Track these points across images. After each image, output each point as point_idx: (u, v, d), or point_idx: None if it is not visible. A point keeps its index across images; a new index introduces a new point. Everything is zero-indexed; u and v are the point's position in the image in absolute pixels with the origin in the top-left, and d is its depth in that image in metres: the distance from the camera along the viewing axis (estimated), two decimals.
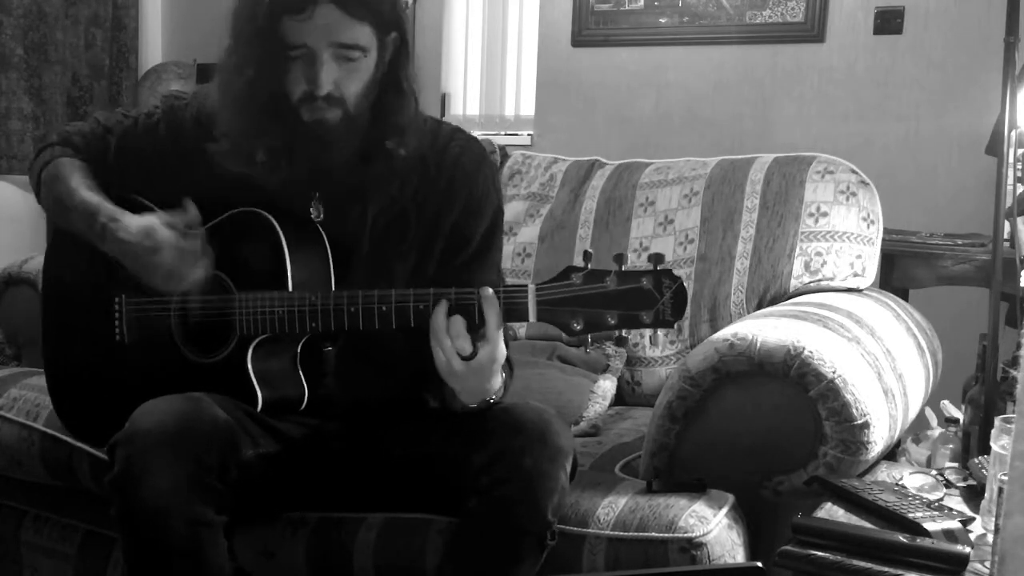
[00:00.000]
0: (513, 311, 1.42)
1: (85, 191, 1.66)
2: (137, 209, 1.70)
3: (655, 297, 1.37)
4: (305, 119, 1.54)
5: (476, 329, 1.44)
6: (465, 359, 1.44)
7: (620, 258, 1.40)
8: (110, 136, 1.73)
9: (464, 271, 1.63)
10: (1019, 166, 2.29)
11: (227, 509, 1.48)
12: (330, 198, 1.65)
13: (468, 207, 1.66)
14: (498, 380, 1.51)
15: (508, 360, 1.63)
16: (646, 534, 1.55)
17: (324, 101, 1.52)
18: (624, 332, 1.40)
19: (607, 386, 2.18)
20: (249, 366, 1.57)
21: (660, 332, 2.18)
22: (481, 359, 1.44)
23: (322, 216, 1.64)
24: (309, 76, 1.51)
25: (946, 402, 2.05)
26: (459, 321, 1.44)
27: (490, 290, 1.43)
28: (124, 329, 1.73)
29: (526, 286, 1.41)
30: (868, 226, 2.20)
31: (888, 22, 3.19)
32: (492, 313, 1.42)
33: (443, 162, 1.66)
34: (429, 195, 1.65)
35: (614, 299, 1.38)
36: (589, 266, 1.40)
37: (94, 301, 1.74)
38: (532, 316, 1.41)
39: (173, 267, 1.56)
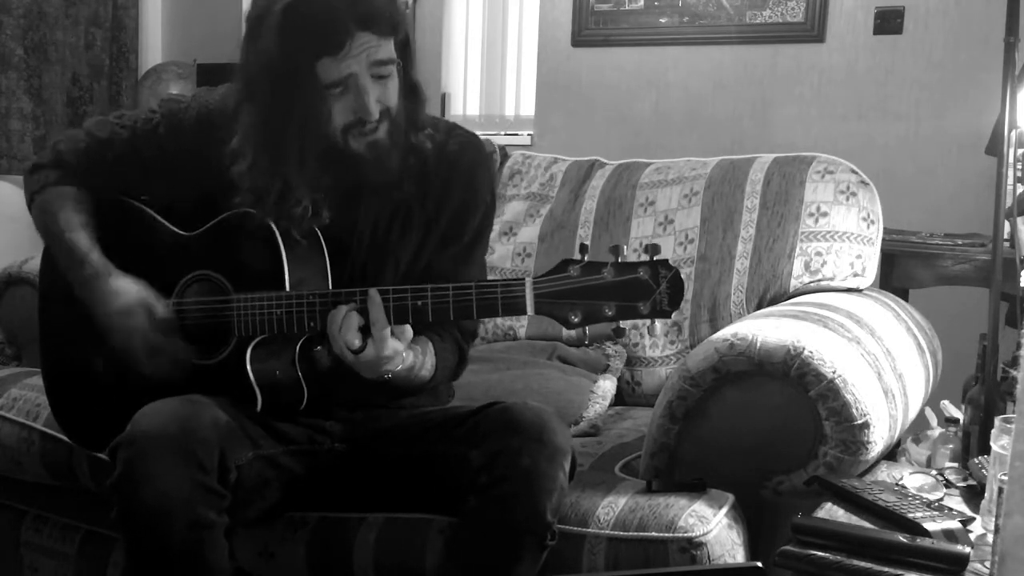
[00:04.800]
0: (511, 305, 1.42)
1: (73, 232, 1.68)
2: (136, 216, 1.71)
3: (652, 287, 1.37)
4: (356, 149, 1.54)
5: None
6: (355, 352, 1.47)
7: (616, 250, 1.39)
8: (106, 149, 1.73)
9: (451, 263, 1.65)
10: (1019, 166, 2.28)
11: (228, 511, 1.48)
12: (335, 202, 1.65)
13: (465, 201, 1.68)
14: (395, 364, 1.51)
15: (461, 351, 1.69)
16: (646, 534, 1.55)
17: (375, 122, 1.53)
18: (622, 323, 1.40)
19: (607, 386, 2.18)
20: (248, 367, 1.57)
21: (660, 332, 2.18)
22: (368, 354, 1.47)
23: (328, 220, 1.64)
24: (357, 106, 1.51)
25: (946, 402, 2.05)
26: (353, 319, 1.46)
27: (375, 293, 1.45)
28: None
29: (523, 280, 1.41)
30: (868, 226, 2.20)
31: (888, 22, 3.19)
32: (377, 314, 1.45)
33: (442, 157, 1.66)
34: (429, 190, 1.66)
35: (611, 290, 1.38)
36: (586, 258, 1.40)
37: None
38: (530, 309, 1.41)
39: (140, 352, 1.62)
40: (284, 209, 1.56)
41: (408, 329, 1.49)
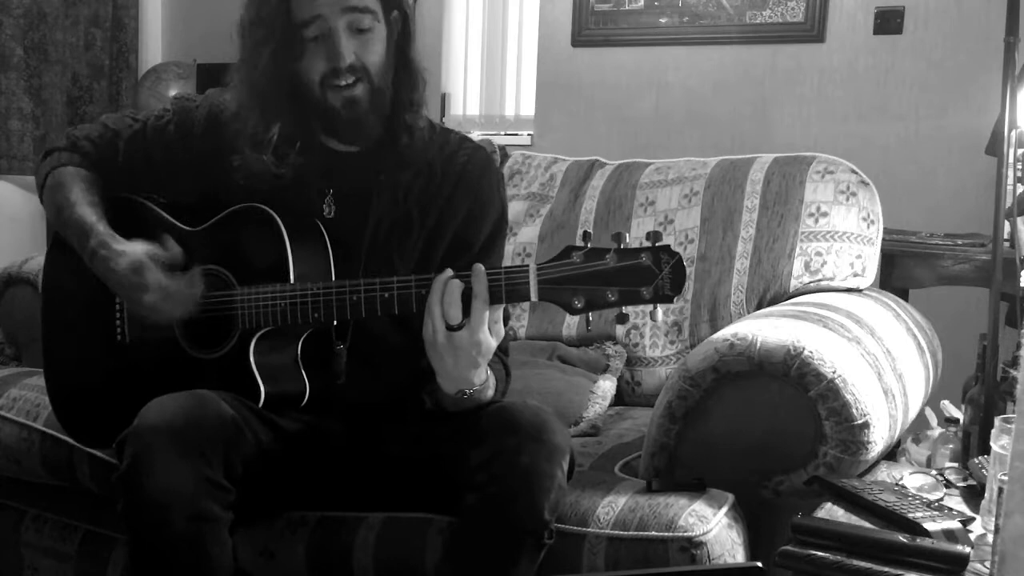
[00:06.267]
0: (515, 291, 1.44)
1: (83, 207, 1.68)
2: (142, 212, 1.72)
3: (654, 273, 1.39)
4: (332, 103, 1.57)
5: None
6: (452, 329, 1.45)
7: (619, 236, 1.41)
8: (119, 140, 1.75)
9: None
10: (1019, 166, 2.28)
11: (231, 506, 1.48)
12: (341, 196, 1.66)
13: (471, 214, 1.69)
14: (480, 374, 1.51)
15: (506, 367, 1.66)
16: (646, 533, 1.55)
17: (349, 73, 1.55)
18: (624, 310, 1.42)
19: (607, 386, 2.18)
20: (252, 360, 1.58)
21: (661, 317, 2.19)
22: (463, 336, 1.45)
23: (334, 214, 1.65)
24: (329, 52, 1.55)
25: (946, 402, 2.05)
26: (455, 289, 1.45)
27: (482, 267, 1.45)
28: (126, 328, 1.74)
29: (527, 266, 1.43)
30: (868, 226, 2.20)
31: (888, 22, 3.19)
32: (480, 287, 1.44)
33: (449, 170, 1.69)
34: (433, 201, 1.67)
35: (614, 276, 1.39)
36: (589, 245, 1.41)
37: (95, 301, 1.75)
38: (534, 295, 1.42)
39: (157, 305, 1.60)
40: (260, 141, 1.60)
41: (501, 328, 1.49)
